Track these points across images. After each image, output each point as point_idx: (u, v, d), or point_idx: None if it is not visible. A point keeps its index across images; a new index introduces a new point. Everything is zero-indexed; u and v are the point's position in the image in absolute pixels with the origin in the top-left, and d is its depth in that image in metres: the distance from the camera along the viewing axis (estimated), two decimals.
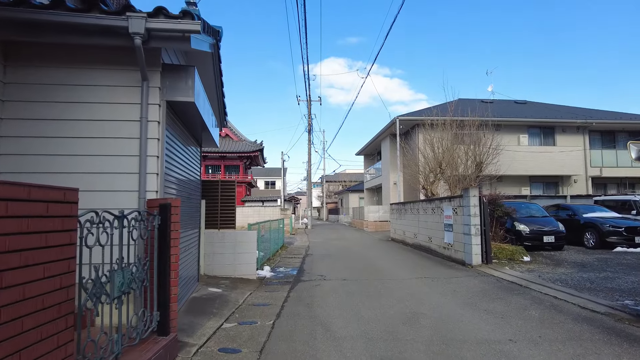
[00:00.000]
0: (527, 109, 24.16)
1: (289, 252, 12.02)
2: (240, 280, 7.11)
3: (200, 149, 6.70)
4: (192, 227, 6.03)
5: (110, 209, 2.79)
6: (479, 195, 8.46)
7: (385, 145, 24.14)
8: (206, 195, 7.39)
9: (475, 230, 8.32)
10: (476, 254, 8.30)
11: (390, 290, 6.14)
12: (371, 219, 22.77)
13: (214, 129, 6.22)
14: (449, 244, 9.66)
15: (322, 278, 7.42)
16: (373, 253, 11.57)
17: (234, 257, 7.39)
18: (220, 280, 7.02)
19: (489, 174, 13.32)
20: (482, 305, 5.09)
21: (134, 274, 2.99)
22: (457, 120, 13.70)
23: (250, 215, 28.09)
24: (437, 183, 12.56)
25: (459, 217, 9.03)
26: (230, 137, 33.00)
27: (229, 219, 7.51)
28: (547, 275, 7.16)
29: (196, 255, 6.42)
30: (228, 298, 5.72)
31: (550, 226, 11.66)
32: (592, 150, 21.57)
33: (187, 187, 5.56)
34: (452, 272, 7.79)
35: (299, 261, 9.96)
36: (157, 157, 3.84)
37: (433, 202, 11.05)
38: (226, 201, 7.51)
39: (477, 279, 7.03)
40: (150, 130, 3.83)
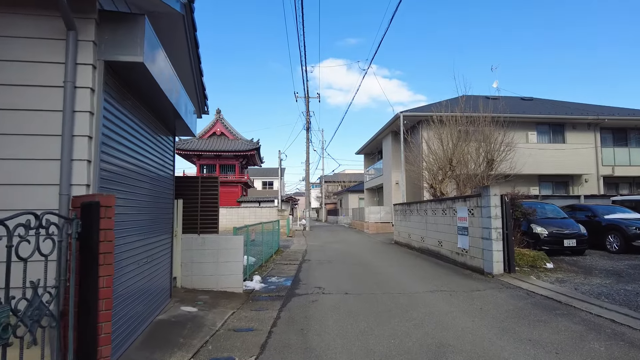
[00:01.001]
0: (534, 106, 23.12)
1: (284, 258, 10.92)
2: (223, 295, 6.00)
3: (174, 139, 5.60)
4: (160, 233, 4.93)
5: (18, 210, 1.76)
6: (500, 194, 7.38)
7: (386, 143, 23.07)
8: (183, 195, 6.30)
9: (497, 235, 7.24)
10: (497, 262, 7.22)
11: (403, 309, 5.05)
12: (372, 221, 21.69)
13: (188, 113, 5.12)
14: (464, 250, 8.58)
15: (320, 291, 6.32)
16: (376, 259, 10.48)
17: (216, 266, 6.29)
18: (198, 294, 5.92)
19: (502, 172, 12.24)
20: (523, 333, 4.00)
21: (42, 305, 1.92)
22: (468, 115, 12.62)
23: (247, 217, 26.97)
24: (447, 181, 11.48)
25: (476, 219, 7.95)
26: (225, 135, 31.88)
27: (210, 222, 6.41)
28: (584, 288, 6.08)
29: (167, 266, 5.32)
30: (203, 320, 4.62)
31: (570, 228, 10.60)
32: (603, 148, 20.57)
33: (151, 183, 4.46)
34: (471, 284, 6.70)
35: (295, 268, 8.86)
36: (88, 138, 2.75)
37: (444, 202, 9.97)
38: (207, 201, 6.41)
39: (503, 292, 5.94)
40: (80, 99, 2.74)
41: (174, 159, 5.54)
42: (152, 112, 4.38)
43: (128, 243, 3.67)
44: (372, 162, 29.01)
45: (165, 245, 5.21)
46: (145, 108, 4.14)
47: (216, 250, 6.30)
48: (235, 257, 6.31)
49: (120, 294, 3.42)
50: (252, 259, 9.22)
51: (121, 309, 3.47)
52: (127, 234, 3.63)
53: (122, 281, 3.47)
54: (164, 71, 3.59)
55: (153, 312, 4.54)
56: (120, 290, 3.42)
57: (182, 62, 5.07)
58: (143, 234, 4.19)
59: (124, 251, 3.52)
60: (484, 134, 12.49)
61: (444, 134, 11.71)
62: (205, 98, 6.00)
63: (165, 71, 3.68)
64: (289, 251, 12.71)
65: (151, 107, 4.23)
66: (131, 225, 3.76)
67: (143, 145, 4.11)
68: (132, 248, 3.80)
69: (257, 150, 30.97)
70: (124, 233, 3.53)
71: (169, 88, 3.86)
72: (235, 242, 6.34)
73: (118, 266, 3.38)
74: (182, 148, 29.64)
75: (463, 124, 12.53)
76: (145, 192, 4.23)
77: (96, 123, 2.84)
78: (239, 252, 6.31)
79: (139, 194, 3.97)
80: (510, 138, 13.22)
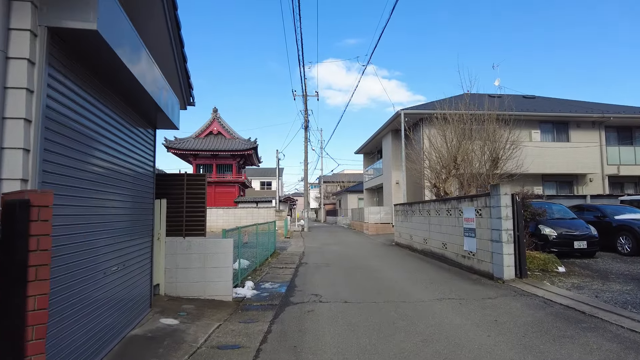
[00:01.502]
0: (537, 104, 22.63)
1: (280, 261, 10.38)
2: (210, 304, 5.46)
3: (155, 132, 5.06)
4: (137, 236, 4.39)
5: None
6: (511, 194, 6.86)
7: (386, 142, 22.56)
8: (167, 194, 5.76)
9: (508, 237, 6.72)
10: (508, 266, 6.69)
11: (409, 321, 4.52)
12: (372, 221, 21.17)
13: (169, 103, 4.59)
14: (470, 253, 8.06)
15: (317, 299, 5.78)
16: (377, 262, 9.94)
17: (203, 272, 5.75)
18: (183, 303, 5.38)
19: (508, 171, 11.72)
20: (549, 352, 3.47)
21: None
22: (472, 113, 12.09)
23: (243, 217, 26.48)
24: (451, 180, 10.95)
25: (485, 219, 7.43)
26: (222, 134, 31.32)
27: (197, 223, 5.87)
28: (605, 296, 5.56)
29: (146, 273, 4.78)
30: (184, 336, 4.08)
31: (580, 230, 10.09)
32: (608, 147, 20.10)
33: (124, 180, 3.92)
34: (481, 290, 6.17)
35: (291, 273, 8.32)
36: (25, 121, 2.21)
37: (448, 202, 9.45)
38: (194, 201, 5.87)
39: (517, 300, 5.41)
40: (13, 73, 2.20)
41: (154, 154, 5.00)
42: (123, 99, 3.84)
43: (91, 249, 3.14)
44: (372, 162, 28.50)
45: (143, 250, 4.67)
46: (114, 93, 3.60)
47: (203, 254, 5.76)
48: (224, 262, 5.77)
49: (78, 310, 2.89)
50: (246, 262, 8.69)
51: (80, 326, 2.94)
52: (89, 238, 3.10)
53: (80, 296, 2.94)
54: (130, 46, 3.05)
55: (127, 325, 4.00)
56: (78, 306, 2.89)
57: (161, 45, 4.54)
58: (113, 237, 3.66)
59: (84, 259, 2.99)
60: (489, 131, 11.97)
61: (448, 130, 11.19)
62: (190, 88, 5.46)
63: (133, 46, 3.13)
64: (286, 253, 12.17)
65: (122, 93, 3.69)
66: (95, 229, 3.22)
67: (112, 136, 3.57)
68: (97, 255, 3.27)
69: (254, 150, 30.43)
70: (83, 238, 2.99)
71: (139, 70, 3.32)
72: (224, 245, 5.79)
73: (74, 278, 2.85)
74: (177, 147, 29.10)
75: (467, 121, 12.00)
76: (116, 190, 3.69)
77: (37, 103, 2.30)
78: (228, 256, 5.77)
79: (106, 192, 3.43)
80: (515, 136, 12.73)
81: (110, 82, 3.38)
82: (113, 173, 3.61)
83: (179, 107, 5.18)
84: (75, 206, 2.88)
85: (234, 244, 6.73)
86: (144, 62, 3.47)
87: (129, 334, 3.97)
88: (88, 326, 3.08)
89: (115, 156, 3.68)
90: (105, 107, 3.42)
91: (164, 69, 4.54)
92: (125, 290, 4.01)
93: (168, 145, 28.91)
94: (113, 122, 3.61)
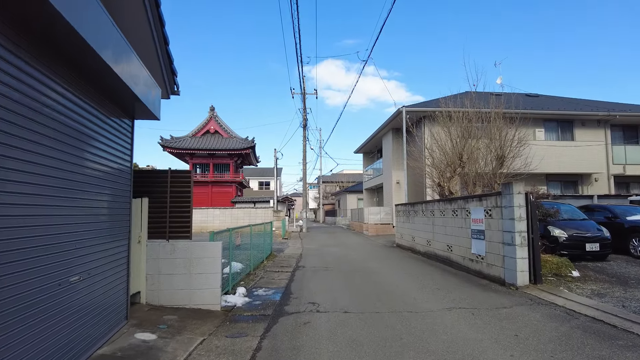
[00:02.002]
0: (541, 102, 22.15)
1: (276, 264, 9.84)
2: (196, 314, 4.93)
3: (132, 123, 4.52)
4: (109, 240, 3.86)
5: None
6: (525, 192, 6.34)
7: (387, 141, 22.04)
8: (149, 192, 5.22)
9: (522, 239, 6.19)
10: (522, 271, 6.17)
11: (418, 336, 3.99)
12: (372, 222, 20.64)
13: (146, 89, 4.05)
14: (479, 256, 7.53)
15: (315, 308, 5.25)
16: (378, 265, 9.42)
17: (188, 279, 5.21)
18: (165, 313, 4.84)
19: (516, 169, 11.21)
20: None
21: None
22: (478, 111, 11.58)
23: (240, 218, 25.93)
24: (456, 179, 10.43)
25: (495, 221, 6.91)
26: (219, 133, 30.77)
27: (182, 225, 5.33)
28: (633, 305, 5.04)
29: (121, 281, 4.24)
30: (159, 355, 3.54)
31: (592, 231, 9.58)
32: (614, 146, 19.62)
33: (90, 176, 3.39)
34: (493, 298, 5.65)
35: (287, 277, 7.79)
36: None
37: (454, 202, 8.92)
38: (179, 200, 5.33)
39: (536, 310, 4.89)
40: None
41: (131, 147, 4.46)
42: (89, 83, 3.31)
43: (47, 256, 2.62)
44: (372, 161, 27.98)
45: (117, 255, 4.13)
46: (77, 76, 3.06)
47: (188, 259, 5.22)
48: (211, 267, 5.23)
49: (27, 327, 2.36)
50: (239, 266, 8.16)
51: (29, 347, 2.42)
52: (42, 243, 2.57)
53: (31, 310, 2.41)
54: (86, 12, 2.51)
55: (94, 343, 3.46)
56: (26, 322, 2.36)
57: (137, 25, 4.00)
58: (75, 242, 3.12)
59: (34, 268, 2.47)
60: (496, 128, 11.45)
61: (453, 127, 10.66)
62: (173, 74, 4.92)
63: (91, 13, 2.60)
64: (283, 256, 11.63)
65: (87, 76, 3.16)
66: (49, 232, 2.69)
67: (73, 124, 3.04)
68: (53, 263, 2.74)
69: (252, 149, 29.89)
70: (34, 243, 2.47)
71: (102, 43, 2.79)
72: (212, 249, 5.26)
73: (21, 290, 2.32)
74: (173, 146, 28.55)
75: (473, 118, 11.48)
76: (79, 187, 3.15)
77: None
78: (216, 261, 5.23)
79: (65, 190, 2.90)
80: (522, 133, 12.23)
81: (70, 61, 2.84)
82: (72, 167, 3.07)
83: (161, 95, 4.64)
84: (22, 205, 2.36)
85: (224, 246, 6.20)
86: (110, 36, 2.93)
87: (95, 353, 3.42)
88: (40, 346, 2.55)
89: (79, 148, 3.15)
90: (66, 89, 2.88)
91: (141, 52, 4.02)
92: (93, 301, 3.47)
93: (164, 144, 28.35)
94: (75, 107, 3.08)
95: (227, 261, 6.39)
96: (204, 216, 26.05)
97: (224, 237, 6.47)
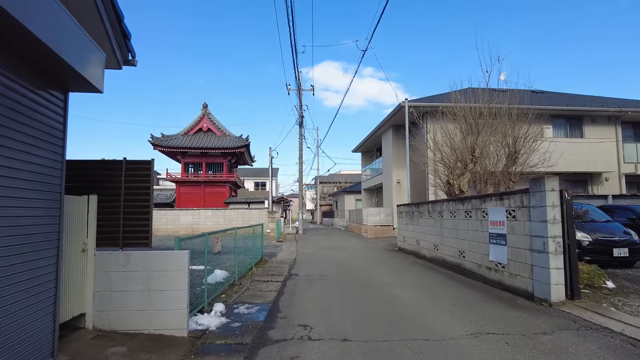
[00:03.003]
0: (547, 99, 21.21)
1: (266, 271, 8.76)
2: (154, 343, 3.85)
3: (65, 97, 3.44)
4: (18, 251, 2.78)
5: None
6: (560, 190, 5.31)
7: (386, 138, 21.02)
8: (98, 188, 4.14)
9: (556, 246, 5.15)
10: (557, 284, 5.13)
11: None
12: (371, 223, 19.60)
13: (80, 51, 2.99)
14: (499, 264, 6.49)
15: (306, 334, 4.18)
16: (382, 274, 8.36)
17: (147, 297, 4.13)
18: (113, 343, 3.76)
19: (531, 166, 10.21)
20: None
21: None
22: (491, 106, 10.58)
23: (234, 219, 24.83)
24: (467, 176, 9.39)
25: (520, 223, 5.87)
26: (212, 131, 29.62)
27: (139, 229, 4.26)
28: None
29: (43, 305, 3.14)
30: None
31: (619, 235, 8.59)
32: (625, 143, 18.69)
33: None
34: (526, 319, 4.60)
35: (276, 289, 6.71)
36: None
37: (467, 201, 7.87)
38: (136, 198, 4.26)
39: (588, 339, 3.84)
40: None
41: (64, 129, 3.38)
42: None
43: None
44: (370, 161, 26.95)
45: (39, 272, 3.05)
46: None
47: (147, 272, 4.15)
48: (176, 282, 4.16)
49: None
50: (222, 275, 7.10)
51: None
52: None
53: None
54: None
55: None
56: None
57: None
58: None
59: None
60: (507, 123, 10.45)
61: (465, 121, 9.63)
62: (124, 37, 3.85)
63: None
64: (275, 261, 10.55)
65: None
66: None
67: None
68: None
69: (246, 148, 28.77)
70: None
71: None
72: (177, 260, 4.18)
73: None
74: (164, 145, 27.41)
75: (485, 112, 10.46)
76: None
77: None
78: (182, 275, 4.16)
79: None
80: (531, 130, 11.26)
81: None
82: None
83: (105, 63, 3.56)
84: None
85: (199, 254, 5.14)
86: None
87: None
88: None
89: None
90: None
91: (72, 7, 2.96)
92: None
93: (154, 143, 27.19)
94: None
95: (206, 269, 5.31)
96: (195, 217, 24.93)
97: (200, 243, 5.40)
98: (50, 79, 3.18)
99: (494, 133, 10.48)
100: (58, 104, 3.34)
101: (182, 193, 29.13)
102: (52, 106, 3.25)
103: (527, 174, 11.14)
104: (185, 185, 29.18)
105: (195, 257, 5.43)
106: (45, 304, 3.19)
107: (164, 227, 24.11)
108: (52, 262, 3.27)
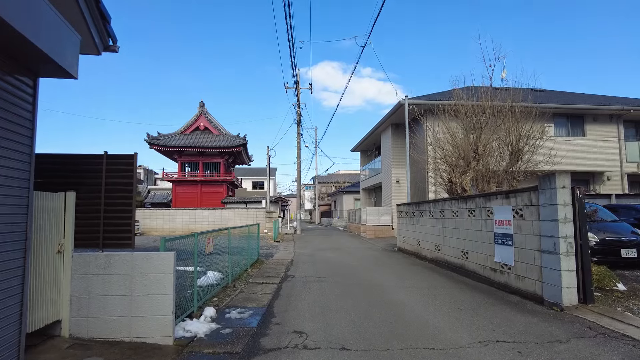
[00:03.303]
0: (548, 97, 20.96)
1: (261, 272, 8.44)
2: (136, 353, 3.52)
3: (34, 82, 3.11)
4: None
5: None
6: (571, 188, 5.01)
7: (385, 137, 20.72)
8: (76, 184, 3.83)
9: (567, 247, 4.85)
10: (569, 287, 4.83)
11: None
12: (370, 223, 19.29)
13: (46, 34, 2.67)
14: (505, 265, 6.20)
15: (301, 341, 3.87)
16: (382, 276, 8.05)
17: (128, 302, 3.81)
18: (90, 353, 3.43)
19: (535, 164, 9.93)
20: None
21: None
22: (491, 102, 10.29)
23: (231, 219, 24.50)
24: (470, 174, 9.09)
25: (528, 222, 5.57)
26: (209, 130, 29.27)
27: (121, 228, 3.93)
28: None
29: (9, 311, 2.82)
30: None
31: (627, 235, 8.30)
32: (627, 142, 18.45)
33: None
34: (537, 325, 4.29)
35: (272, 291, 6.40)
36: None
37: (471, 200, 7.57)
38: (118, 195, 3.93)
39: (607, 348, 3.53)
40: None
41: (33, 118, 3.06)
42: None
43: None
44: (369, 160, 26.65)
45: (14, 270, 2.73)
46: None
47: (129, 275, 3.83)
48: (161, 286, 3.84)
49: None
50: (215, 277, 6.79)
51: None
52: None
53: None
54: None
55: None
56: None
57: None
58: None
59: None
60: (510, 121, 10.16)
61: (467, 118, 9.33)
62: (104, 19, 3.52)
63: None
64: (271, 262, 10.23)
65: None
66: None
67: None
68: None
69: (244, 147, 28.43)
70: None
71: None
72: (161, 262, 3.85)
73: None
74: (161, 144, 27.05)
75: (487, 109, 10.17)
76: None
77: None
78: (167, 278, 3.83)
79: None
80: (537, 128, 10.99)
81: None
82: None
83: (78, 46, 3.23)
84: None
85: (189, 255, 4.84)
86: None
87: None
88: None
89: None
90: None
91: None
92: None
93: (150, 142, 26.83)
94: None
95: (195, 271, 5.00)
96: (192, 217, 24.57)
97: (189, 243, 5.08)
98: (15, 61, 2.85)
99: (497, 130, 10.21)
100: (26, 90, 3.02)
101: (179, 193, 28.77)
102: (19, 92, 2.93)
103: (531, 172, 10.87)
104: (182, 184, 28.83)
105: (187, 258, 5.13)
106: (12, 311, 2.86)
107: (160, 227, 23.76)
108: (18, 265, 2.94)
